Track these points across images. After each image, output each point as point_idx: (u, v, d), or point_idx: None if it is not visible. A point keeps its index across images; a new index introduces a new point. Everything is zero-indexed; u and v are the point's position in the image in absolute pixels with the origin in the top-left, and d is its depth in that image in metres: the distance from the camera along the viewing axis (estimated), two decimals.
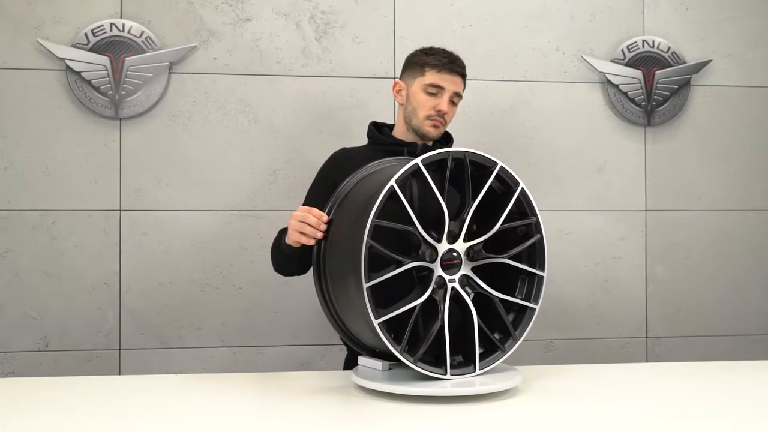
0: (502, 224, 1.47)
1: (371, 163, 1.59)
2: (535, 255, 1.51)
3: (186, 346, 2.27)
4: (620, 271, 2.47)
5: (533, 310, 1.49)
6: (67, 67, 2.20)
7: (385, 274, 1.34)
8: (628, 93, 2.44)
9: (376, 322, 1.30)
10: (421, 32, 2.37)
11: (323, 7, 2.34)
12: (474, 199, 1.44)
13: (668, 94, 2.47)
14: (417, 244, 1.43)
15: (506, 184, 1.50)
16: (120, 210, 2.24)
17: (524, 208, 1.51)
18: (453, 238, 1.44)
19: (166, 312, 2.26)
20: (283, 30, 2.32)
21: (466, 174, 1.43)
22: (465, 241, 1.43)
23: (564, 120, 2.45)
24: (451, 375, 1.38)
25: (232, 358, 2.29)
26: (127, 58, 2.22)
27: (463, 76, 1.78)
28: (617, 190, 2.47)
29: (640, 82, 2.45)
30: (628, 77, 2.44)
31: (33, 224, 2.20)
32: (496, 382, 1.38)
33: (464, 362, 1.45)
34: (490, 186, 1.49)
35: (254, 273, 2.29)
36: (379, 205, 1.31)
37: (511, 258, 1.50)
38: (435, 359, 1.44)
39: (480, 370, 1.42)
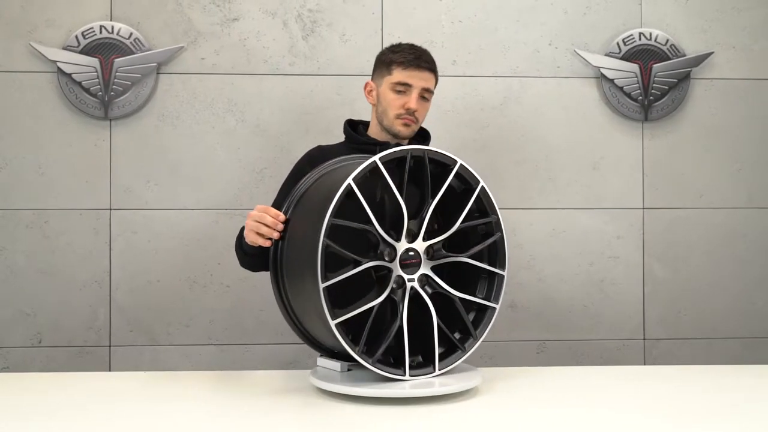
0: (462, 223, 1.45)
1: (329, 161, 1.58)
2: (496, 254, 1.50)
3: (174, 343, 2.30)
4: (616, 271, 2.40)
5: (494, 309, 1.47)
6: (59, 69, 2.25)
7: (342, 274, 1.33)
8: (624, 87, 2.37)
9: (332, 323, 1.28)
10: (409, 29, 2.35)
11: (310, 5, 2.34)
12: (433, 198, 1.42)
13: (667, 88, 2.39)
14: (376, 244, 1.41)
15: (467, 182, 1.47)
16: (110, 209, 2.28)
17: (485, 207, 1.49)
18: (412, 237, 1.42)
19: (155, 309, 2.29)
20: (270, 29, 2.33)
21: (425, 172, 1.40)
22: (424, 240, 1.41)
23: (557, 116, 2.39)
24: (410, 376, 1.36)
25: (219, 356, 2.30)
26: (116, 60, 2.26)
27: (432, 70, 1.74)
28: (613, 187, 2.40)
29: (636, 76, 2.37)
30: (624, 71, 2.37)
31: (27, 223, 2.26)
32: (456, 383, 1.36)
33: (424, 363, 1.43)
34: (451, 185, 1.47)
35: (242, 271, 2.27)
36: (336, 203, 1.29)
37: (471, 257, 1.47)
38: (395, 360, 1.42)
39: (440, 370, 1.40)
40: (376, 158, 1.34)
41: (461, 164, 1.44)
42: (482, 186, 1.45)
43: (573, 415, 1.26)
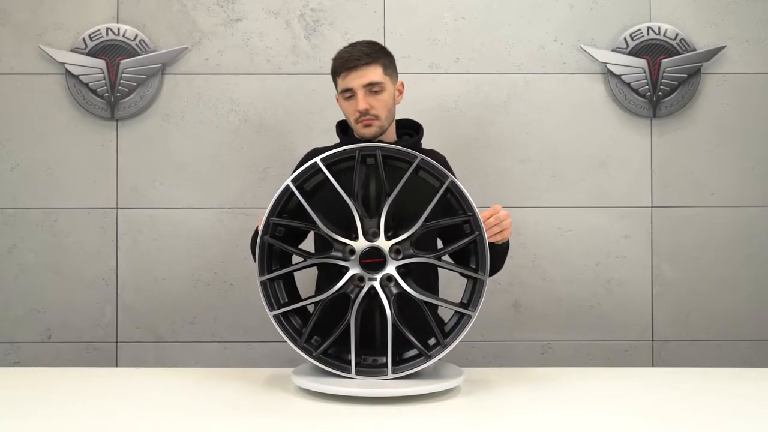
0: (435, 221, 1.41)
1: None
2: (477, 256, 1.42)
3: (179, 340, 2.33)
4: (624, 271, 2.35)
5: (469, 316, 1.38)
6: (67, 71, 2.29)
7: (284, 269, 1.40)
8: (632, 83, 2.32)
9: (271, 315, 1.37)
10: (411, 27, 2.34)
11: (313, 5, 2.34)
12: (388, 196, 1.40)
13: (676, 83, 2.33)
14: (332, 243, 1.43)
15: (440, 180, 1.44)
16: (117, 208, 2.33)
17: (462, 204, 1.44)
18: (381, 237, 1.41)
19: (161, 307, 2.33)
20: (273, 29, 2.34)
21: (380, 170, 1.39)
22: (387, 239, 1.39)
23: (563, 113, 2.35)
24: (358, 375, 1.36)
25: (223, 353, 2.33)
26: (122, 61, 2.30)
27: (370, 63, 1.64)
28: (621, 185, 2.35)
29: (644, 72, 2.32)
30: (632, 67, 2.32)
31: (37, 221, 2.32)
32: (409, 387, 1.33)
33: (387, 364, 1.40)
34: (430, 184, 1.45)
35: (245, 269, 2.33)
36: (273, 204, 1.38)
37: (444, 257, 1.42)
38: (359, 358, 1.42)
39: (394, 374, 1.37)
40: (317, 159, 1.38)
41: (422, 158, 1.39)
42: (451, 181, 1.38)
43: (559, 418, 1.23)
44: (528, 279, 2.35)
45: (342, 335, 1.38)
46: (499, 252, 1.65)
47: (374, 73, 1.65)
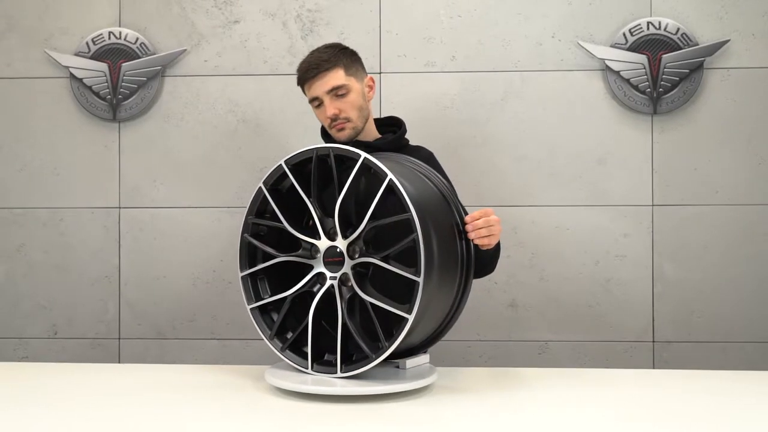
0: (377, 221, 1.38)
1: None
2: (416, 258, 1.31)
3: (179, 337, 2.38)
4: (624, 270, 2.31)
5: (406, 319, 1.30)
6: (71, 74, 2.36)
7: (257, 266, 1.49)
8: (631, 80, 2.28)
9: (248, 308, 1.45)
10: (407, 26, 2.34)
11: (309, 5, 2.36)
12: (338, 194, 1.39)
13: (677, 79, 2.28)
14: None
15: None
16: (119, 207, 2.38)
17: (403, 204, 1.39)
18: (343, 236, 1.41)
19: (161, 305, 2.38)
20: (270, 30, 2.37)
21: (332, 170, 1.40)
22: (344, 238, 1.40)
23: (561, 110, 2.32)
24: (314, 371, 1.39)
25: (221, 350, 2.37)
26: (123, 64, 2.35)
27: (329, 68, 1.65)
28: (620, 183, 2.31)
29: (644, 68, 2.28)
30: (631, 63, 2.28)
31: (44, 221, 2.39)
32: (361, 387, 1.32)
33: (346, 362, 1.39)
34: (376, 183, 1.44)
35: None
36: (250, 205, 1.46)
37: (389, 259, 1.37)
38: (322, 355, 1.44)
39: (344, 373, 1.36)
40: (281, 161, 1.40)
41: (365, 157, 1.36)
42: (390, 179, 1.32)
43: (547, 420, 1.20)
44: (525, 278, 2.33)
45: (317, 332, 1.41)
46: (486, 257, 1.63)
47: (336, 77, 1.66)
